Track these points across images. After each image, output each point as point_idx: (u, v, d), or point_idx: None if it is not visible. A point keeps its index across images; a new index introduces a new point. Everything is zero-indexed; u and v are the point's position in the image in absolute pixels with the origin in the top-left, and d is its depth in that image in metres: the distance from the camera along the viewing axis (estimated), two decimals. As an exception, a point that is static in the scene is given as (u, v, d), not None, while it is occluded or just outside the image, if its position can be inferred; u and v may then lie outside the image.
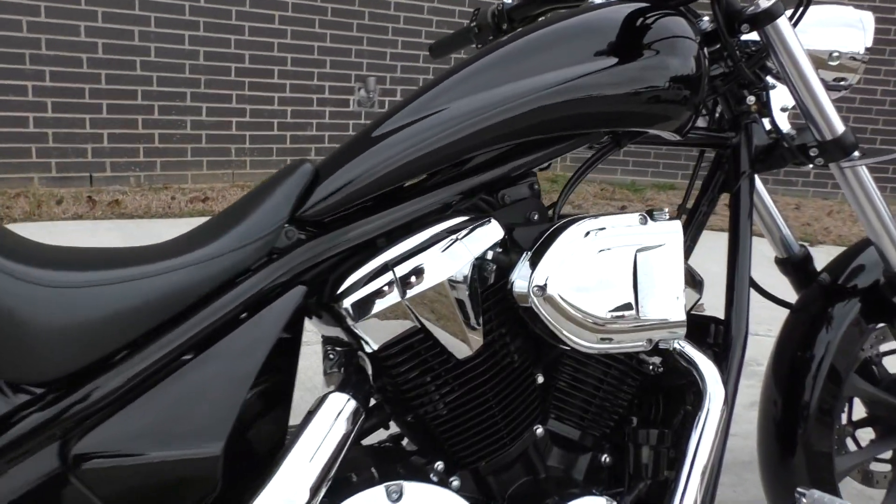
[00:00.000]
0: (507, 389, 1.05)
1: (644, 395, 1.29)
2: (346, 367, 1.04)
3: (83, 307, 0.85)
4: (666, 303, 1.02)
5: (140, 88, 4.21)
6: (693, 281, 1.17)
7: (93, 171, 4.15)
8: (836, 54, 1.36)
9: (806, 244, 1.63)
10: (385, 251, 0.98)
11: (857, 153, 1.28)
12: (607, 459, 1.20)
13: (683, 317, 1.03)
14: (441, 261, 0.96)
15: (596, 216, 1.03)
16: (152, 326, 0.89)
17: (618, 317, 1.00)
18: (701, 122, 1.41)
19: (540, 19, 1.20)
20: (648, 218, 1.03)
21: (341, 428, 0.91)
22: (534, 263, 0.97)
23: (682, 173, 5.93)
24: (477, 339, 0.99)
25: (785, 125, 1.34)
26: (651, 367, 1.20)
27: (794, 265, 1.62)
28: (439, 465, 1.07)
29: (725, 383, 1.23)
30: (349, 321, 0.96)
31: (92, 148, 4.13)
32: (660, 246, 1.01)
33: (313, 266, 1.00)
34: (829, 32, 1.39)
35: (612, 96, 1.08)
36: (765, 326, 2.03)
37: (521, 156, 1.10)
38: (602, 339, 1.01)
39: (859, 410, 1.67)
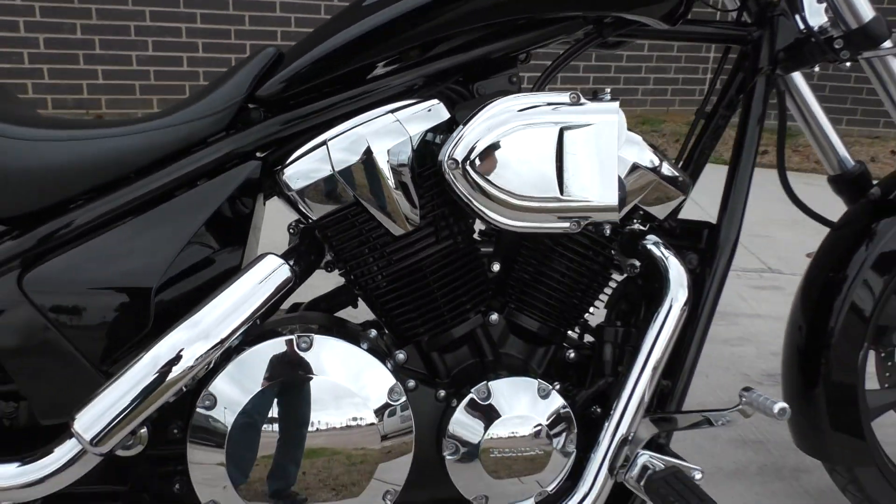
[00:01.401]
0: (447, 269, 1.08)
1: (629, 298, 1.27)
2: (300, 236, 1.12)
3: (45, 157, 0.98)
4: (593, 184, 1.00)
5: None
6: (676, 180, 1.13)
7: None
8: None
9: (861, 163, 1.49)
10: (330, 129, 1.04)
11: (888, 43, 1.16)
12: (572, 355, 1.20)
13: (614, 201, 1.01)
14: (373, 137, 1.01)
15: (529, 94, 1.02)
16: (108, 180, 1.01)
17: (536, 195, 1.00)
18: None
19: None
20: (582, 97, 1.00)
21: (266, 286, 0.99)
22: (455, 137, 0.99)
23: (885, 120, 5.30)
24: (413, 217, 1.03)
25: (819, 19, 1.23)
26: (629, 268, 1.18)
27: (849, 183, 1.47)
28: (389, 337, 1.14)
29: (708, 288, 1.19)
30: (289, 192, 1.03)
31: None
32: (588, 125, 0.99)
33: (268, 143, 1.08)
34: None
35: None
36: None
37: (492, 41, 1.11)
38: (519, 216, 1.01)
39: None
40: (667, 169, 1.12)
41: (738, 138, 1.24)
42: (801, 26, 1.19)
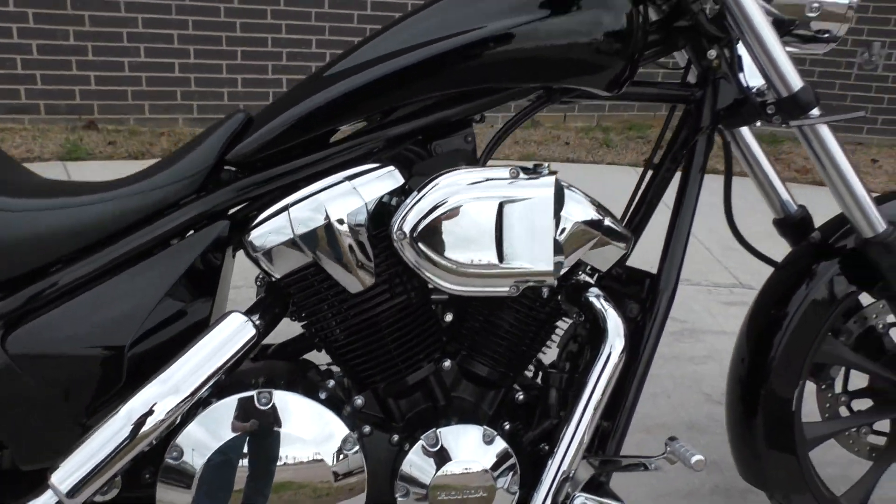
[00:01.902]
0: (401, 322, 1.17)
1: (577, 339, 1.36)
2: (266, 290, 1.21)
3: (28, 226, 1.07)
4: (531, 253, 1.09)
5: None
6: (618, 235, 1.21)
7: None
8: (815, 5, 1.30)
9: (803, 207, 1.58)
10: (291, 194, 1.12)
11: (816, 111, 1.24)
12: (521, 396, 1.30)
13: (550, 266, 1.10)
14: (332, 203, 1.09)
15: (472, 169, 1.11)
16: (86, 245, 1.10)
17: (477, 264, 1.09)
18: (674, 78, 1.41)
19: None
20: (521, 172, 1.09)
21: (231, 344, 1.08)
22: (403, 210, 1.08)
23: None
24: (368, 276, 1.12)
25: (756, 81, 1.31)
26: (575, 315, 1.27)
27: (791, 226, 1.57)
28: (348, 383, 1.23)
29: (647, 336, 1.28)
30: (253, 254, 1.11)
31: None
32: (525, 200, 1.08)
33: (236, 203, 1.17)
34: None
35: (537, 51, 1.15)
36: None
37: (449, 106, 1.19)
38: (462, 282, 1.10)
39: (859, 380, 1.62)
40: (609, 224, 1.21)
41: (680, 190, 1.33)
42: (739, 89, 1.27)
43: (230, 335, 1.08)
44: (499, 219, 1.08)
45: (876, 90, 5.29)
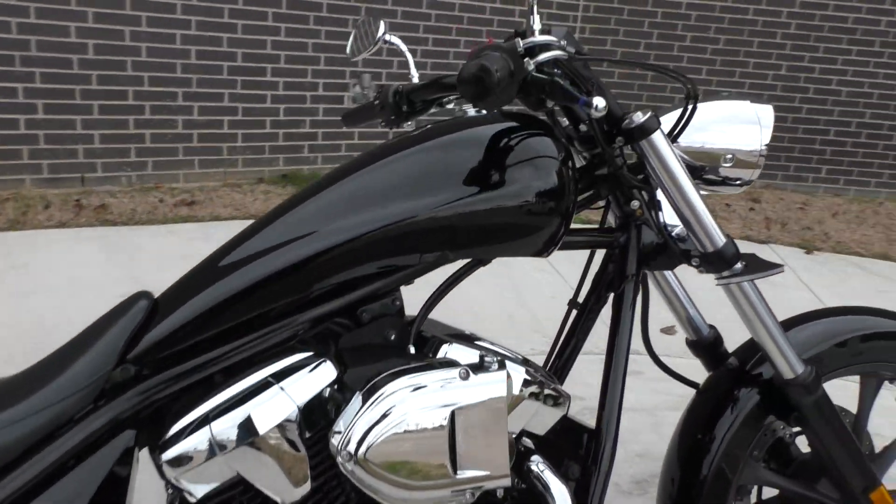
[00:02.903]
0: None
1: None
2: None
3: None
4: (486, 459, 1.02)
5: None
6: (557, 401, 1.17)
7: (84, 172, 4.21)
8: (729, 156, 1.32)
9: (714, 328, 1.60)
10: (208, 399, 0.99)
11: (739, 265, 1.25)
12: None
13: (506, 470, 1.03)
14: (260, 412, 0.97)
15: (417, 371, 1.02)
16: None
17: (432, 480, 1.00)
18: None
19: (412, 133, 1.18)
20: (471, 372, 1.02)
21: None
22: (347, 425, 0.97)
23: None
24: (303, 487, 1.00)
25: (676, 228, 1.31)
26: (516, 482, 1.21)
27: (705, 348, 1.60)
28: None
29: (592, 494, 1.23)
30: (169, 473, 0.97)
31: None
32: (479, 403, 1.01)
33: (143, 409, 1.01)
34: (726, 130, 1.34)
35: (465, 228, 1.08)
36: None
37: (376, 280, 1.10)
38: (415, 497, 1.01)
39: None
40: (548, 393, 1.16)
41: (611, 337, 1.30)
42: (663, 237, 1.27)
43: None
44: (452, 428, 1.00)
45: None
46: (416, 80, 1.52)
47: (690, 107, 1.19)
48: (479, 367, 1.03)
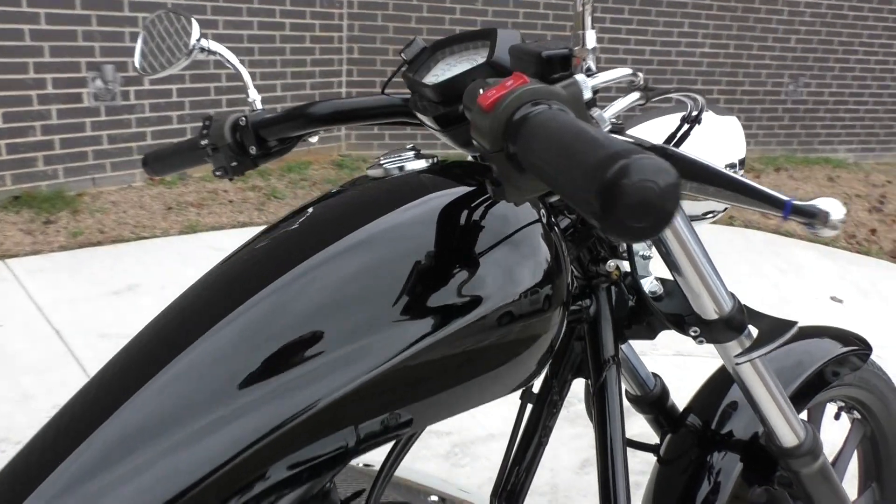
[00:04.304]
0: None
1: None
2: None
3: None
4: None
5: None
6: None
7: None
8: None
9: (662, 376, 1.34)
10: None
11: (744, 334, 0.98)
12: None
13: None
14: None
15: None
16: None
17: None
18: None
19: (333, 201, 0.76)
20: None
21: None
22: None
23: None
24: None
25: (652, 285, 1.01)
26: None
27: (651, 404, 1.33)
28: None
29: None
30: None
31: None
32: None
33: None
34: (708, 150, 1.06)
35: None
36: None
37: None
38: None
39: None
40: None
41: (600, 436, 1.01)
42: (643, 300, 1.01)
43: None
44: None
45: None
46: (258, 105, 1.07)
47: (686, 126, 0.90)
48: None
